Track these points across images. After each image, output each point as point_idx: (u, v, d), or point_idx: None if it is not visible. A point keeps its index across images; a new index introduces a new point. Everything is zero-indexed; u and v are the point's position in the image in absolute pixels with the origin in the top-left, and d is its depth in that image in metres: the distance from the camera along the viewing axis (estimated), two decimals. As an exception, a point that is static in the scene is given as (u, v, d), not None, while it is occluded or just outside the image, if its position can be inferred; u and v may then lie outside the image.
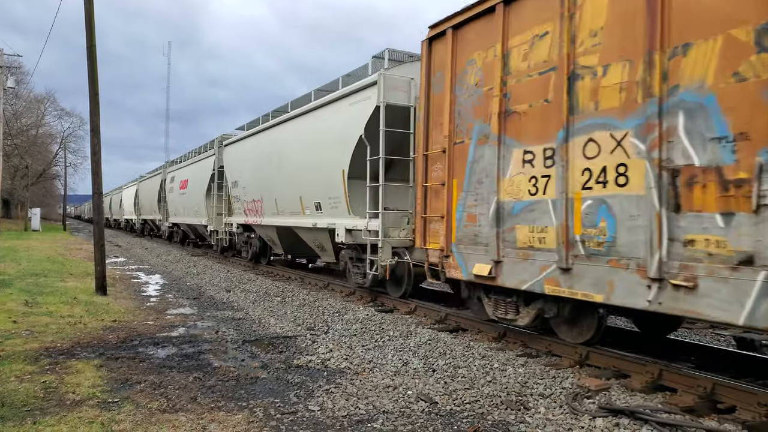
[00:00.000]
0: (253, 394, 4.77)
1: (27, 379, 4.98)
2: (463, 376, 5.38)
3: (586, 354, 5.81)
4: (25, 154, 45.74)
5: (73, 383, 4.88)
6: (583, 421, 4.22)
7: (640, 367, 5.25)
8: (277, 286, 11.78)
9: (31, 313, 8.07)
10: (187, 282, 12.81)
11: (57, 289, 10.64)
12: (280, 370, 5.51)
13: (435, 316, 8.18)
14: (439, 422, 4.20)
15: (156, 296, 10.56)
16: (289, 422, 4.15)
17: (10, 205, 58.94)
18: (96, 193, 10.81)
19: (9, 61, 33.06)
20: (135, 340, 6.63)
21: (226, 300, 10.07)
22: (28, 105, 49.22)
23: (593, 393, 4.86)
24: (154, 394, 4.69)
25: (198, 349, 6.32)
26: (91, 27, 10.29)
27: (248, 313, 8.71)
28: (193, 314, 8.61)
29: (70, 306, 8.83)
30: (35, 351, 5.95)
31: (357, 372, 5.49)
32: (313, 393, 4.82)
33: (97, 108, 10.40)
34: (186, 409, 4.35)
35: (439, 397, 4.74)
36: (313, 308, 9.15)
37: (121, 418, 4.11)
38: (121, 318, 8.02)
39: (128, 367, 5.47)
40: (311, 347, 6.48)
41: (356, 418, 4.27)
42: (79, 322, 7.54)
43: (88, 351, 6.08)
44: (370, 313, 8.65)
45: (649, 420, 4.15)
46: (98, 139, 10.46)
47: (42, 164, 53.93)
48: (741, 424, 4.15)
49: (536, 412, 4.42)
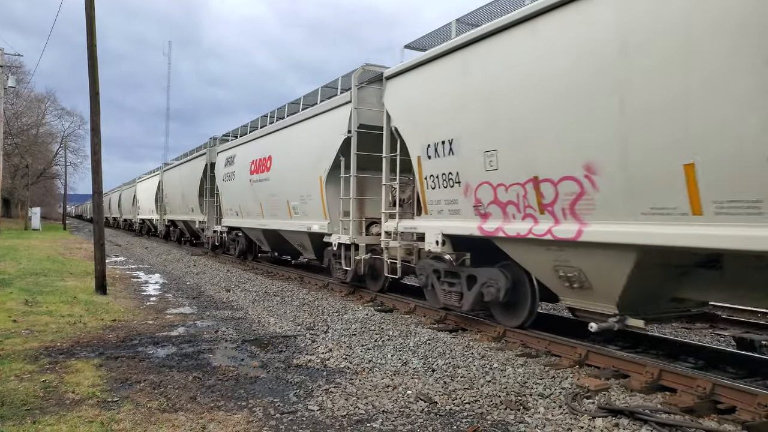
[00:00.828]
0: (252, 394, 4.77)
1: (27, 378, 4.98)
2: (463, 375, 5.38)
3: (585, 354, 5.81)
4: (25, 153, 45.75)
5: (72, 382, 4.88)
6: (582, 421, 4.22)
7: (640, 367, 5.24)
8: (276, 286, 11.79)
9: (31, 313, 8.07)
10: (186, 281, 12.81)
11: (57, 288, 10.64)
12: (280, 370, 5.51)
13: (434, 315, 8.18)
14: (438, 422, 4.20)
15: (156, 295, 10.56)
16: (289, 422, 4.15)
17: (10, 205, 58.94)
18: (96, 192, 10.82)
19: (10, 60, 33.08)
20: (135, 340, 6.63)
21: (225, 299, 10.07)
22: (29, 104, 49.24)
23: (593, 393, 4.86)
24: (153, 393, 4.69)
25: (197, 348, 6.32)
26: (92, 28, 10.29)
27: (248, 313, 8.71)
28: (192, 314, 8.61)
29: (69, 305, 8.83)
30: (35, 350, 5.95)
31: (356, 372, 5.49)
32: (313, 393, 4.82)
33: (97, 107, 10.40)
34: (185, 408, 4.35)
35: (439, 397, 4.74)
36: (312, 308, 9.15)
37: (121, 417, 4.11)
38: (121, 317, 8.02)
39: (128, 366, 5.47)
40: (311, 347, 6.47)
41: (356, 417, 4.27)
42: (79, 322, 7.54)
43: (88, 350, 6.08)
44: (369, 312, 8.65)
45: (649, 420, 4.15)
46: (98, 139, 10.46)
47: (42, 163, 53.93)
48: (741, 425, 4.15)
49: (536, 412, 4.42)
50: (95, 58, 10.36)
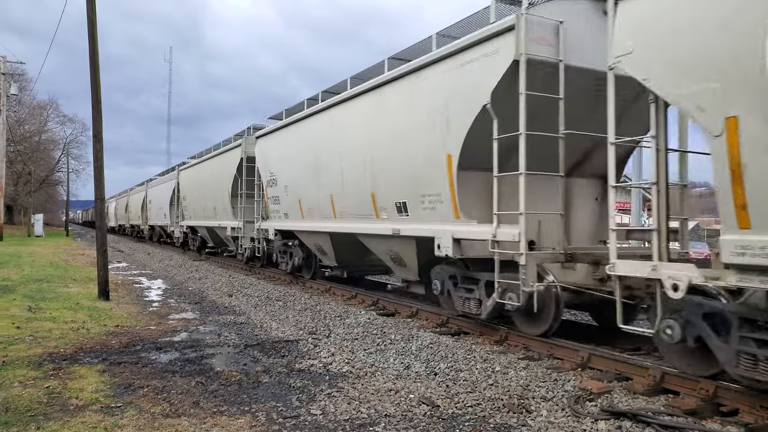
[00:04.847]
0: (255, 399, 4.78)
1: (30, 384, 5.00)
2: (465, 379, 5.39)
3: (587, 357, 5.81)
4: (28, 160, 45.96)
5: (76, 388, 4.90)
6: (585, 424, 4.22)
7: (642, 370, 5.24)
8: (278, 291, 11.80)
9: (34, 319, 8.10)
10: (189, 287, 12.83)
11: (60, 294, 10.68)
12: (282, 375, 5.52)
13: (437, 319, 8.19)
14: (441, 426, 4.21)
15: (158, 301, 10.58)
16: (292, 426, 4.16)
17: (13, 211, 59.13)
18: (99, 199, 10.86)
19: (12, 68, 33.27)
20: (137, 345, 6.65)
21: (228, 304, 10.09)
22: (31, 111, 49.51)
23: (595, 396, 4.86)
24: (156, 398, 4.70)
25: (200, 353, 6.33)
26: (94, 32, 10.36)
27: (250, 318, 8.72)
28: (195, 319, 8.63)
29: (73, 311, 8.86)
30: (38, 356, 5.97)
31: (359, 376, 5.50)
32: (315, 397, 4.82)
33: (99, 115, 10.46)
34: (189, 413, 4.36)
35: (441, 401, 4.74)
36: (314, 312, 9.16)
37: (124, 423, 4.12)
38: (124, 323, 8.04)
39: (131, 372, 5.49)
40: (313, 351, 6.48)
41: (358, 421, 4.27)
42: (82, 328, 7.56)
43: (91, 356, 6.09)
44: (371, 317, 8.65)
45: (652, 423, 4.15)
46: (101, 146, 10.52)
47: (45, 170, 54.17)
48: (743, 427, 4.14)
49: (538, 416, 4.42)
50: (97, 65, 10.42)
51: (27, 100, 47.35)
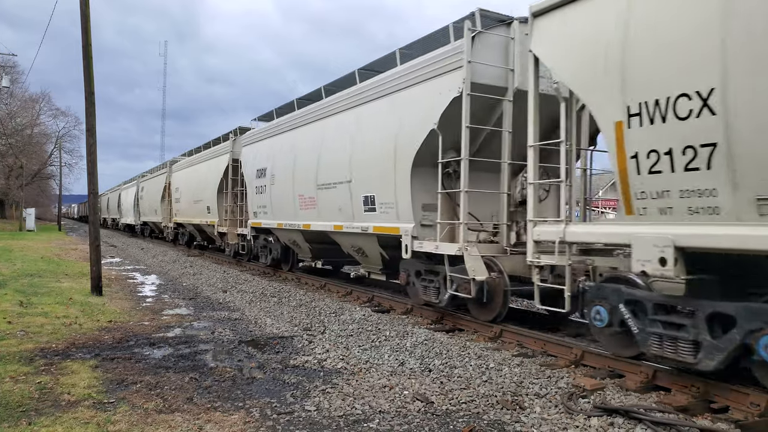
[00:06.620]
0: (249, 395, 4.78)
1: (22, 379, 4.96)
2: (459, 375, 5.40)
3: (581, 354, 5.85)
4: (19, 153, 45.53)
5: (68, 384, 4.87)
6: (578, 420, 4.24)
7: (635, 367, 5.28)
8: (273, 287, 11.78)
9: (26, 314, 8.04)
10: (183, 282, 12.78)
11: (52, 289, 10.60)
12: (277, 371, 5.51)
13: (431, 316, 8.20)
14: (435, 422, 4.22)
15: (152, 296, 10.54)
16: (286, 422, 4.16)
17: (4, 205, 58.67)
18: (92, 193, 10.79)
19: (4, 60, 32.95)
20: (131, 341, 6.62)
21: (222, 300, 10.06)
22: (23, 104, 48.98)
23: (588, 393, 4.89)
24: (150, 394, 4.68)
25: (194, 349, 6.31)
26: (87, 25, 10.25)
27: (244, 314, 8.70)
28: (189, 315, 8.60)
29: (65, 306, 8.81)
30: (30, 352, 5.93)
31: (353, 372, 5.50)
32: (310, 393, 4.82)
33: (92, 108, 10.37)
34: (182, 409, 4.35)
35: (435, 397, 4.76)
36: (309, 309, 9.16)
37: (117, 418, 4.11)
38: (117, 318, 8.00)
39: (124, 367, 5.47)
40: (308, 347, 6.48)
41: (352, 418, 4.28)
42: (75, 323, 7.52)
43: (84, 352, 6.06)
44: (366, 313, 8.66)
45: (644, 419, 4.18)
46: (94, 140, 10.44)
47: (37, 164, 53.67)
48: (734, 423, 4.18)
49: (532, 412, 4.44)
50: (90, 58, 10.32)
51: (19, 92, 46.92)
